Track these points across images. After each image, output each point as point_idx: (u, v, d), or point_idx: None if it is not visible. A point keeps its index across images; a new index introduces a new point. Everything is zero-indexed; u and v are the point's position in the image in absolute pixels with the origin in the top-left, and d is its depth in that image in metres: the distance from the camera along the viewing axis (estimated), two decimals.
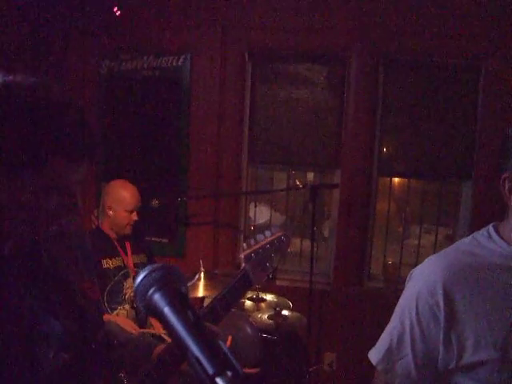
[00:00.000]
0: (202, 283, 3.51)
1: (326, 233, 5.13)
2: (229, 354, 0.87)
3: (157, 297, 0.97)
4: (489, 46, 4.43)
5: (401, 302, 1.82)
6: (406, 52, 4.59)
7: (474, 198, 4.61)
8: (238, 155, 4.92)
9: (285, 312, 3.95)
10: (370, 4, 4.53)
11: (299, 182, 4.50)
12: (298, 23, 4.62)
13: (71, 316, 1.48)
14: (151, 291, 0.98)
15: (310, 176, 5.12)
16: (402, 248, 4.96)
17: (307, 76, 4.84)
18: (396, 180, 5.00)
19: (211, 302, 1.92)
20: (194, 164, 4.89)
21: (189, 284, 3.44)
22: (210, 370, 0.84)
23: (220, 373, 0.83)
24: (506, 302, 1.66)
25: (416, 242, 4.93)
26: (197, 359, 0.85)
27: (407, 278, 1.85)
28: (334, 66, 4.79)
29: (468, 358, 1.65)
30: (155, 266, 1.02)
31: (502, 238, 1.75)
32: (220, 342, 0.89)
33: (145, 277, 1.00)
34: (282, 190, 4.98)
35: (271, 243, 2.06)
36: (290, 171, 5.08)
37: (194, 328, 0.90)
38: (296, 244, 5.10)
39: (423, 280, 1.75)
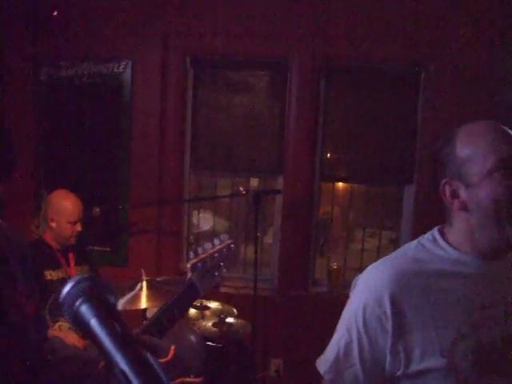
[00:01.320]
0: (144, 293, 3.44)
1: (270, 239, 5.13)
2: (156, 365, 0.85)
3: (84, 308, 0.95)
4: (428, 51, 4.51)
5: (347, 310, 1.80)
6: (347, 58, 4.64)
7: (415, 202, 4.68)
8: (180, 162, 4.88)
9: (229, 319, 3.93)
10: (310, 11, 4.56)
11: (242, 188, 4.49)
12: (240, 29, 4.61)
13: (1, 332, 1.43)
14: (78, 302, 0.95)
15: (254, 182, 5.12)
16: (346, 252, 5.00)
17: (249, 82, 4.84)
18: (339, 185, 5.04)
19: (156, 313, 1.87)
20: (135, 171, 4.82)
21: (130, 294, 3.38)
22: (135, 383, 0.82)
23: None
24: (453, 309, 1.66)
25: (360, 246, 4.97)
26: (122, 372, 0.83)
27: (352, 285, 1.84)
28: (275, 72, 4.80)
29: (415, 366, 1.66)
30: (82, 276, 0.99)
31: (447, 243, 1.76)
32: (147, 355, 0.87)
33: (72, 287, 0.97)
34: (224, 197, 4.97)
35: (219, 252, 2.03)
36: (233, 178, 5.07)
37: (121, 340, 0.88)
38: (240, 251, 5.09)
39: (369, 289, 1.75)
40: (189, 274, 1.94)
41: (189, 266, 1.94)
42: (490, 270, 1.72)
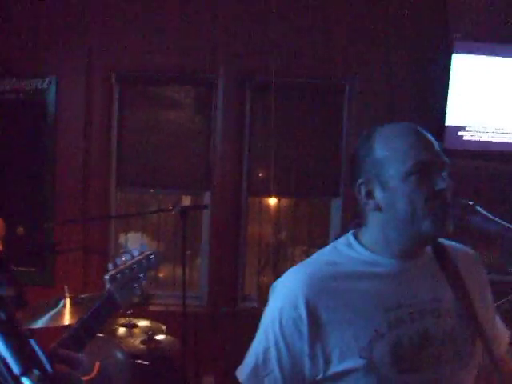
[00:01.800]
0: (67, 310, 3.35)
1: (199, 256, 5.11)
2: (39, 352, 0.84)
3: None
4: (351, 65, 4.62)
5: (264, 316, 1.79)
6: (272, 73, 4.67)
7: (343, 214, 4.76)
8: (105, 179, 4.82)
9: (158, 336, 3.88)
10: (235, 26, 4.61)
11: (171, 205, 4.47)
12: (165, 45, 4.62)
13: None
14: None
15: (187, 201, 5.11)
16: (276, 267, 5.02)
17: (176, 98, 4.85)
18: (268, 200, 5.06)
19: (73, 326, 1.81)
20: (60, 189, 4.73)
21: (53, 311, 3.31)
22: (16, 370, 0.80)
23: (26, 372, 0.80)
24: (369, 309, 1.68)
25: (289, 260, 5.01)
26: (3, 359, 0.81)
27: (270, 291, 1.83)
28: (201, 87, 4.83)
29: (334, 368, 1.66)
30: None
31: (361, 245, 1.78)
32: (31, 341, 0.85)
33: None
34: (150, 213, 4.93)
35: (139, 263, 2.00)
36: (160, 195, 5.04)
37: (3, 328, 0.86)
38: (169, 268, 5.05)
39: (285, 293, 1.74)
40: (107, 286, 1.90)
41: (107, 277, 1.91)
42: (405, 269, 1.75)
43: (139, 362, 3.60)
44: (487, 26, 4.64)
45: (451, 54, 4.53)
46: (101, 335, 3.40)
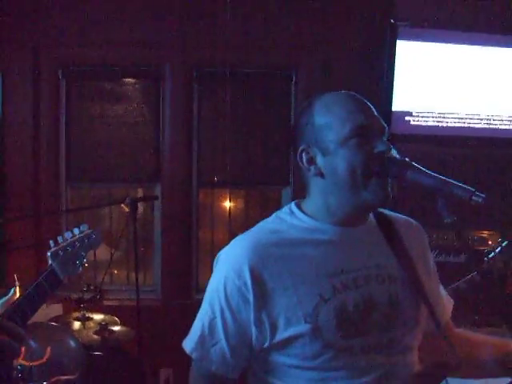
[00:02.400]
0: (17, 297, 3.35)
1: (152, 248, 5.11)
2: None
3: None
4: (297, 55, 4.68)
5: (209, 286, 1.80)
6: (220, 64, 4.70)
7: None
8: (55, 175, 4.79)
9: (113, 327, 3.89)
10: (181, 17, 4.63)
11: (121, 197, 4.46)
12: (111, 38, 4.60)
13: None
14: None
15: (136, 193, 5.10)
16: None
17: (123, 91, 4.85)
18: (219, 190, 5.07)
19: (17, 300, 1.84)
20: (9, 186, 4.68)
21: (3, 300, 3.29)
22: None
23: None
24: (313, 275, 1.70)
25: None
26: None
27: (214, 262, 1.84)
28: (148, 80, 4.85)
29: (281, 334, 1.68)
30: None
31: (304, 213, 1.81)
32: None
33: None
34: (100, 206, 4.91)
35: (80, 240, 2.03)
36: (111, 188, 5.04)
37: None
38: (123, 263, 5.04)
39: (229, 262, 1.75)
40: (49, 262, 1.93)
41: (49, 254, 1.94)
42: (348, 236, 1.78)
43: (93, 353, 3.60)
44: (431, 13, 4.73)
45: (395, 40, 4.62)
46: (53, 323, 3.41)
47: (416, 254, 1.87)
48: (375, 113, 1.77)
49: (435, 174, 1.64)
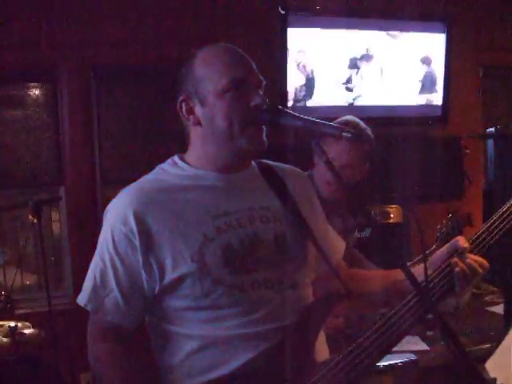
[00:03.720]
0: None
1: (62, 252, 5.01)
2: None
3: None
4: (189, 49, 4.68)
5: (99, 239, 1.86)
6: (117, 62, 4.70)
7: None
8: None
9: (23, 331, 3.80)
10: (71, 19, 4.56)
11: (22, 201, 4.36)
12: (4, 42, 4.47)
13: None
14: None
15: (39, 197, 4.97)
16: None
17: (20, 95, 4.72)
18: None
19: None
20: None
21: None
22: None
23: None
24: (197, 217, 1.77)
25: None
26: None
27: (103, 216, 1.90)
28: (44, 83, 4.75)
29: (169, 276, 1.74)
30: None
31: (186, 163, 1.88)
32: None
33: None
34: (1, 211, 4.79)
35: None
36: (14, 194, 4.89)
37: None
38: (33, 272, 4.94)
39: (115, 212, 1.82)
40: None
41: None
42: (231, 182, 1.87)
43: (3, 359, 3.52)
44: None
45: (286, 28, 4.70)
46: None
47: (301, 198, 1.98)
48: (254, 67, 1.86)
49: (307, 117, 1.73)
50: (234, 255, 1.76)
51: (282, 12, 4.65)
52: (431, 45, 5.24)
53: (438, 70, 5.29)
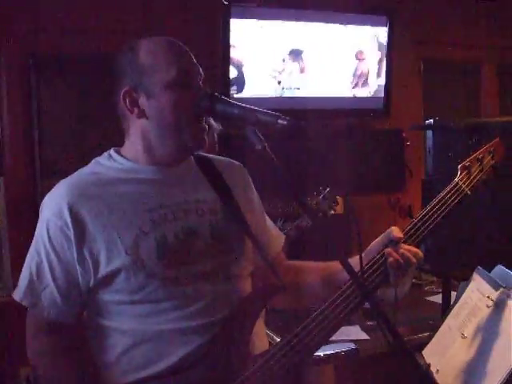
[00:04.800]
0: None
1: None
2: None
3: None
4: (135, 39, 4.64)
5: (35, 232, 1.87)
6: (58, 50, 4.61)
7: None
8: None
9: None
10: (11, 3, 4.45)
11: None
12: None
13: None
14: None
15: None
16: None
17: None
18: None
19: None
20: None
21: None
22: None
23: None
24: (132, 210, 1.80)
25: None
26: None
27: (40, 209, 1.90)
28: None
29: (103, 269, 1.75)
30: None
31: (123, 157, 1.90)
32: None
33: None
34: None
35: None
36: None
37: None
38: None
39: (50, 205, 1.83)
40: None
41: None
42: (167, 175, 1.89)
43: None
44: None
45: (228, 20, 4.67)
46: None
47: (238, 191, 2.01)
48: (194, 59, 1.89)
49: (243, 105, 1.75)
50: (168, 248, 1.77)
51: (226, 3, 4.61)
52: (369, 38, 5.25)
53: (374, 63, 5.32)
